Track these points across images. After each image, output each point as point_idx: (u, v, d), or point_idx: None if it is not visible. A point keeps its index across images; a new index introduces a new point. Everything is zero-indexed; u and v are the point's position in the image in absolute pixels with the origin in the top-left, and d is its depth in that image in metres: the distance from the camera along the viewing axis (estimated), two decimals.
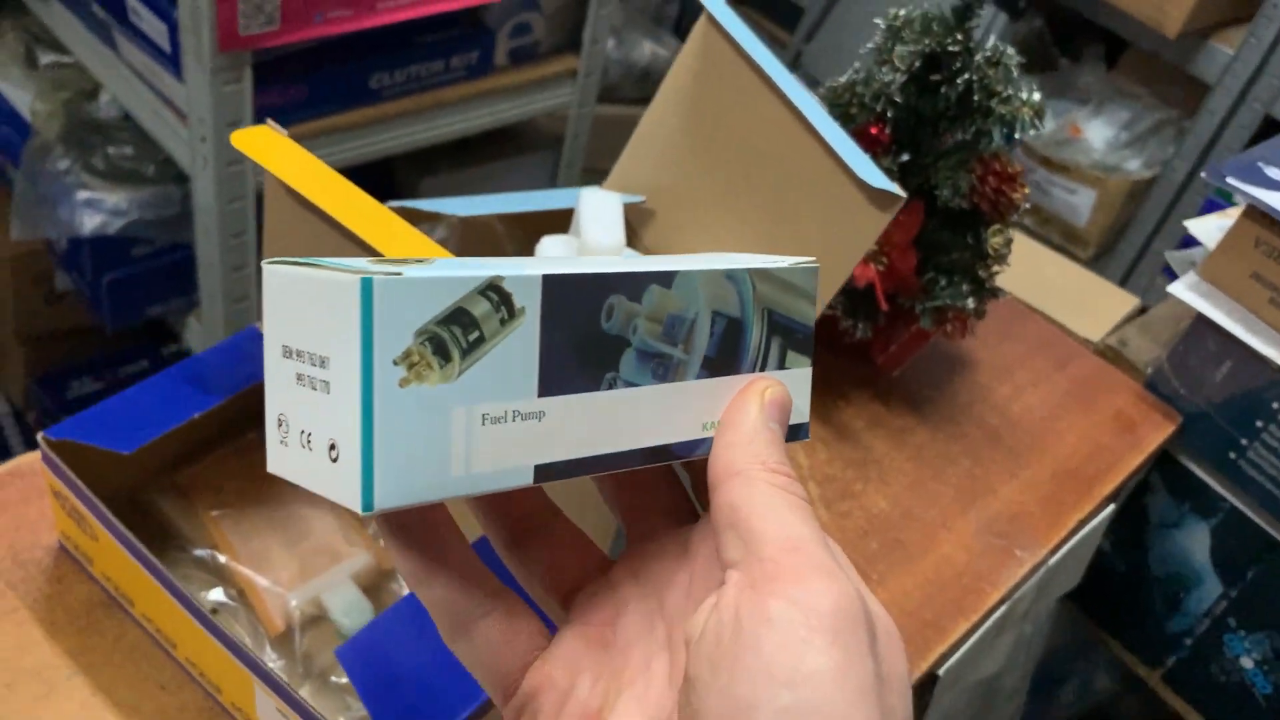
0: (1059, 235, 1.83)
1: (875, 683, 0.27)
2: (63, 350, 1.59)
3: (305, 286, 0.28)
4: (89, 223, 1.25)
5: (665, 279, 0.32)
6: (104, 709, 0.55)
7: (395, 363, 0.27)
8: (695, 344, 0.33)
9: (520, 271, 0.29)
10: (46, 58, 1.38)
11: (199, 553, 0.65)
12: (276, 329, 0.29)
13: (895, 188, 0.55)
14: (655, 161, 0.71)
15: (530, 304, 0.29)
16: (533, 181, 1.60)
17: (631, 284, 0.31)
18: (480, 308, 0.28)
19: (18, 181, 1.32)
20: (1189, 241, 1.68)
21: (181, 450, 0.67)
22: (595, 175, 1.64)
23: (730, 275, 0.34)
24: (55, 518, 0.61)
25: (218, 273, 1.26)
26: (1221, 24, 1.62)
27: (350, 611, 0.63)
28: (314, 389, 0.28)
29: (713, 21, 0.68)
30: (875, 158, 0.64)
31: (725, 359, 0.34)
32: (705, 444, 0.34)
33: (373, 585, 0.66)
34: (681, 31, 2.21)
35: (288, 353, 0.29)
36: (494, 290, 0.28)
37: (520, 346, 0.29)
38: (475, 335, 0.28)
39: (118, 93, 1.30)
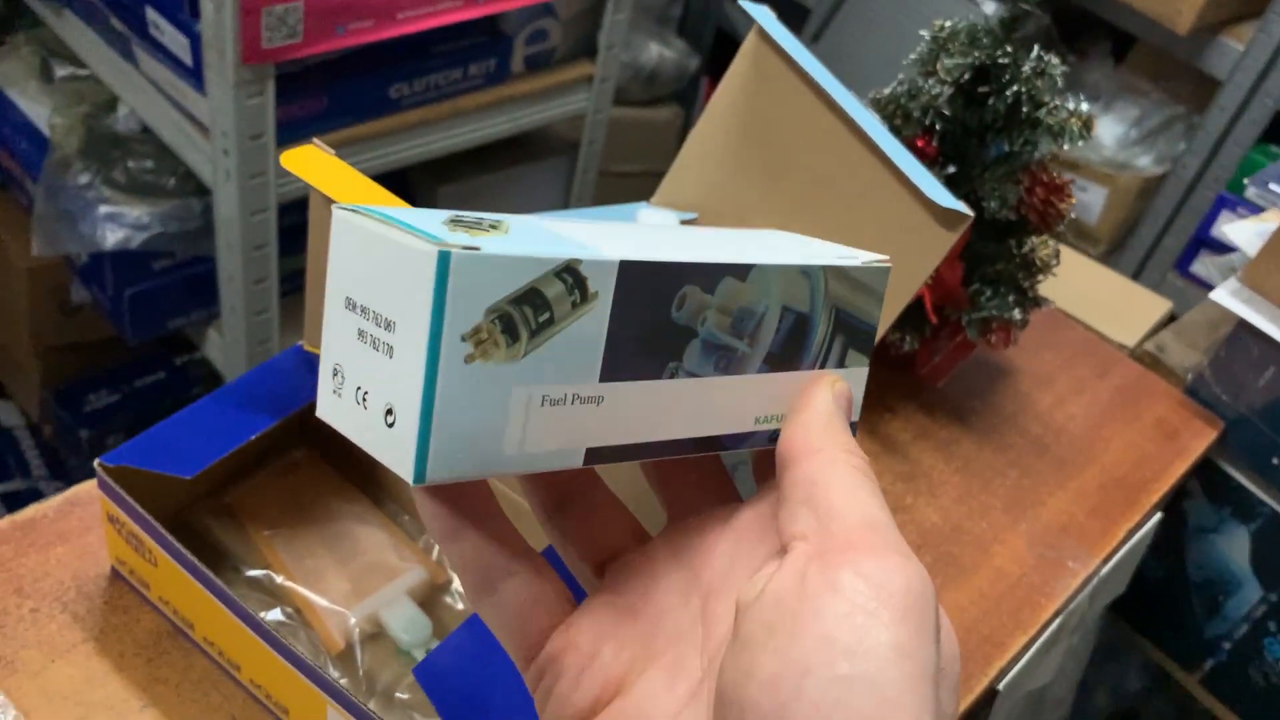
0: (1071, 233, 1.82)
1: (934, 671, 0.27)
2: (78, 363, 1.58)
3: (378, 245, 0.27)
4: (111, 237, 1.24)
5: (740, 272, 0.32)
6: None
7: (463, 338, 0.26)
8: (761, 338, 0.33)
9: (598, 254, 0.28)
10: (62, 70, 1.37)
11: (252, 573, 0.64)
12: (341, 278, 0.29)
13: (963, 207, 0.55)
14: (706, 177, 0.70)
15: (604, 289, 0.28)
16: (549, 187, 1.60)
17: (706, 275, 0.31)
18: (554, 289, 0.27)
19: (37, 197, 1.30)
20: (1201, 239, 1.69)
21: (226, 471, 0.67)
22: (607, 177, 1.64)
23: (805, 271, 0.33)
24: (109, 543, 0.61)
25: (239, 285, 1.26)
26: (1232, 20, 1.63)
27: (410, 628, 0.63)
28: (376, 349, 0.27)
29: (763, 35, 0.68)
30: None
31: (788, 354, 0.33)
32: (755, 437, 0.33)
33: (427, 600, 0.66)
34: (686, 32, 2.19)
35: (351, 305, 0.28)
36: (570, 273, 0.28)
37: (588, 330, 0.29)
38: (545, 316, 0.28)
39: (136, 105, 1.29)
